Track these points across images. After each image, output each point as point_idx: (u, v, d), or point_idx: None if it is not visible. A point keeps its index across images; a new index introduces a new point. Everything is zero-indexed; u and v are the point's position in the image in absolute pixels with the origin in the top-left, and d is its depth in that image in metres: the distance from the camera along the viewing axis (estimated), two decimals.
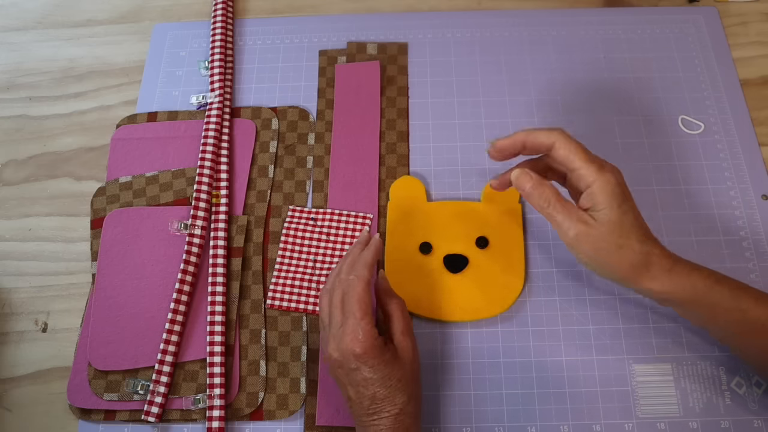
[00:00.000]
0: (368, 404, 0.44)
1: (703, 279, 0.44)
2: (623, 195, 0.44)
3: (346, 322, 0.45)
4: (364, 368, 0.44)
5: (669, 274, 0.44)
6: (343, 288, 0.47)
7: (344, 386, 0.46)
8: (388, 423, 0.44)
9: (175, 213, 0.58)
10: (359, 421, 0.45)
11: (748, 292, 0.45)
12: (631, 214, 0.44)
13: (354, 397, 0.45)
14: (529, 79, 0.65)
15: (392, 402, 0.44)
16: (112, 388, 0.52)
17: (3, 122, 0.66)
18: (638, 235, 0.44)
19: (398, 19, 0.69)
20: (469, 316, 0.53)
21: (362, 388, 0.44)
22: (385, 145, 0.61)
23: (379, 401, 0.44)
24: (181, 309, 0.54)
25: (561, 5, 0.69)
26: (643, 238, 0.44)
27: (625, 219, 0.44)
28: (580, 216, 0.44)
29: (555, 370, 0.52)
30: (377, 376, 0.44)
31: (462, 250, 0.56)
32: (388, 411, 0.44)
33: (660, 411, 0.50)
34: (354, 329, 0.44)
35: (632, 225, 0.44)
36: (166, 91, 0.66)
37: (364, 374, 0.44)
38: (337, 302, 0.47)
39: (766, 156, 0.60)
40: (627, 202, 0.44)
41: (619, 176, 0.45)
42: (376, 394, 0.44)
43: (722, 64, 0.65)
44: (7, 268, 0.59)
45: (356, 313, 0.45)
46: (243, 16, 0.70)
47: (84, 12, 0.72)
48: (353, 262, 0.49)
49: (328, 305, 0.48)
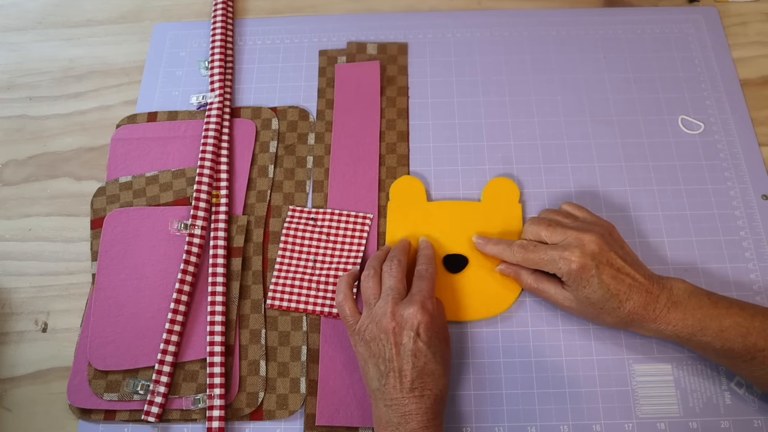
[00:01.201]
0: (414, 377, 0.44)
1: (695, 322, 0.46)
2: (585, 274, 0.47)
3: (413, 296, 0.48)
4: (424, 336, 0.46)
5: (655, 323, 0.47)
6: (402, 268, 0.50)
7: (386, 359, 0.45)
8: (429, 403, 0.44)
9: (175, 213, 0.58)
10: (391, 401, 0.44)
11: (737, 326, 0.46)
12: (599, 289, 0.47)
13: (398, 368, 0.45)
14: (529, 79, 0.65)
15: (436, 381, 0.45)
16: (112, 388, 0.52)
17: (3, 122, 0.66)
18: (612, 303, 0.47)
19: (398, 19, 0.69)
20: (469, 316, 0.54)
21: (414, 357, 0.45)
22: (385, 145, 0.61)
23: (427, 375, 0.45)
24: (181, 309, 0.54)
25: (561, 5, 0.69)
26: (617, 304, 0.47)
27: (593, 295, 0.47)
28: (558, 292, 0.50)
29: (555, 370, 0.52)
30: (432, 349, 0.46)
31: (462, 250, 0.56)
32: (431, 389, 0.45)
33: (660, 411, 0.50)
34: (423, 301, 0.47)
35: (603, 298, 0.47)
36: (166, 91, 0.66)
37: (421, 344, 0.45)
38: (398, 278, 0.50)
39: (766, 156, 0.60)
40: (591, 280, 0.47)
41: (578, 256, 0.47)
42: (426, 366, 0.45)
43: (722, 64, 0.65)
44: (7, 268, 0.59)
45: (428, 291, 0.48)
46: (243, 16, 0.70)
47: (84, 12, 0.72)
48: (405, 248, 0.53)
49: (378, 283, 0.50)
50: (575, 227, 0.50)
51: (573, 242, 0.48)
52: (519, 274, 0.53)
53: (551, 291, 0.50)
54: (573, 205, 0.55)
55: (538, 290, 0.52)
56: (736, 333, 0.45)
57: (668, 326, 0.46)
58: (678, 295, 0.47)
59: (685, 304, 0.46)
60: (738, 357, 0.46)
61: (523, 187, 0.59)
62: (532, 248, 0.50)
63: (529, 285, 0.52)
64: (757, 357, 0.45)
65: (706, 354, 0.49)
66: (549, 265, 0.49)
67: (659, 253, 0.56)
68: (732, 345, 0.45)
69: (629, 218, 0.57)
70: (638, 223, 0.57)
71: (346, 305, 0.50)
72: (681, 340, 0.47)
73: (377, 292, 0.50)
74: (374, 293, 0.50)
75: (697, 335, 0.46)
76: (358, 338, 0.48)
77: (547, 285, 0.51)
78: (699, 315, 0.46)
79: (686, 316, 0.46)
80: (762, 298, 0.54)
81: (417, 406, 0.44)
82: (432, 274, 0.51)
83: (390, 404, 0.44)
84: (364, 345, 0.47)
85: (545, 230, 0.50)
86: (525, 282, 0.52)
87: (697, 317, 0.46)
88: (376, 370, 0.46)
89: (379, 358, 0.46)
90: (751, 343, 0.45)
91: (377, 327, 0.47)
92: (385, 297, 0.48)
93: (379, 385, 0.46)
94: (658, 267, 0.55)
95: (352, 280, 0.53)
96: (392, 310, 0.47)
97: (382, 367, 0.46)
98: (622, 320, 0.48)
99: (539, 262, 0.49)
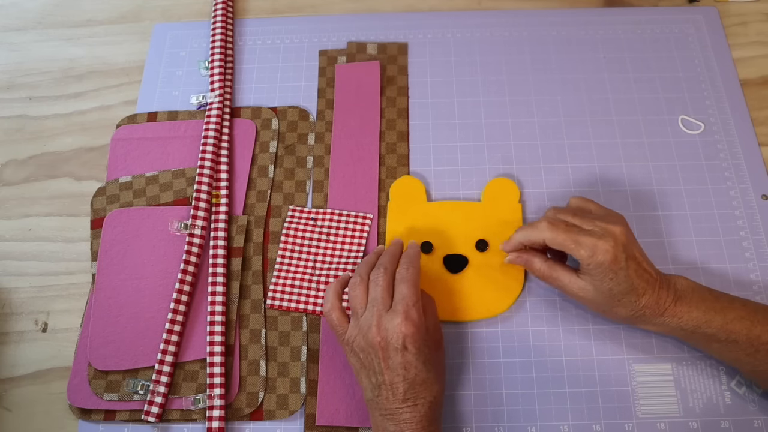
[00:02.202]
0: (406, 388, 0.44)
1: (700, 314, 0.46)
2: (615, 266, 0.46)
3: (396, 305, 0.46)
4: (412, 348, 0.45)
5: (662, 317, 0.47)
6: (388, 277, 0.49)
7: (376, 373, 0.45)
8: (424, 411, 0.44)
9: (175, 213, 0.58)
10: (386, 411, 0.44)
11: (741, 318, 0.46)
12: (624, 282, 0.46)
13: (389, 381, 0.44)
14: (529, 79, 0.65)
15: (430, 389, 0.45)
16: (112, 388, 0.52)
17: (3, 122, 0.66)
18: (630, 297, 0.47)
19: (398, 19, 0.69)
20: (469, 316, 0.54)
21: (404, 370, 0.44)
22: (385, 145, 0.61)
23: (418, 386, 0.44)
24: (181, 309, 0.54)
25: (561, 5, 0.69)
26: (635, 298, 0.47)
27: (616, 288, 0.46)
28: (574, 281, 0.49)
29: (555, 370, 0.52)
30: (421, 359, 0.45)
31: (462, 250, 0.56)
32: (424, 397, 0.44)
33: (660, 411, 0.50)
34: (406, 311, 0.46)
35: (624, 291, 0.46)
36: (166, 91, 0.66)
37: (409, 356, 0.45)
38: (384, 287, 0.48)
39: (766, 156, 0.60)
40: (620, 272, 0.46)
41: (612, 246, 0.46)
42: (417, 377, 0.44)
43: (722, 64, 0.65)
44: (7, 268, 0.59)
45: (411, 297, 0.47)
46: (243, 16, 0.70)
47: (84, 12, 0.72)
48: (394, 255, 0.52)
49: (365, 292, 0.49)
50: (601, 216, 0.49)
51: (604, 232, 0.46)
52: (531, 262, 0.51)
53: (566, 279, 0.49)
54: (581, 198, 0.53)
55: (551, 278, 0.50)
56: (741, 325, 0.46)
57: (674, 319, 0.47)
58: (682, 290, 0.47)
59: (690, 297, 0.47)
60: (741, 350, 0.46)
61: (523, 187, 0.59)
62: (564, 228, 0.47)
63: (543, 272, 0.50)
64: (760, 350, 0.45)
65: (710, 350, 0.49)
66: (579, 249, 0.46)
67: (659, 253, 0.56)
68: (736, 337, 0.46)
69: (629, 218, 0.57)
70: (638, 223, 0.57)
71: (333, 314, 0.49)
72: (685, 334, 0.48)
73: (364, 302, 0.48)
74: (361, 303, 0.48)
75: (701, 327, 0.46)
76: (348, 349, 0.48)
77: (562, 273, 0.49)
78: (703, 307, 0.46)
79: (691, 308, 0.46)
80: (762, 298, 0.54)
81: (411, 415, 0.44)
82: (413, 275, 0.48)
83: (385, 414, 0.45)
84: (355, 356, 0.47)
85: (572, 217, 0.49)
86: (538, 269, 0.50)
87: (701, 309, 0.46)
88: (368, 382, 0.46)
89: (369, 370, 0.46)
90: (755, 335, 0.45)
91: (365, 340, 0.46)
92: (371, 308, 0.47)
93: (373, 396, 0.46)
94: (659, 267, 0.55)
95: (341, 287, 0.51)
96: (377, 322, 0.46)
97: (374, 379, 0.46)
98: (634, 314, 0.48)
99: (568, 243, 0.47)
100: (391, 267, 0.50)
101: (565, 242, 0.47)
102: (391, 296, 0.48)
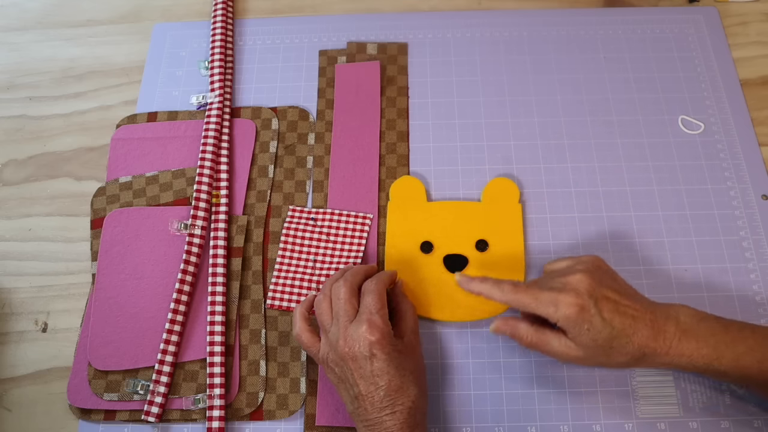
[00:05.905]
0: (381, 396, 0.44)
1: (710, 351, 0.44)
2: (585, 315, 0.43)
3: (360, 315, 0.46)
4: (380, 355, 0.44)
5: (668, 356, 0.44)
6: (348, 288, 0.48)
7: (351, 385, 0.45)
8: (403, 417, 0.44)
9: (175, 213, 0.58)
10: (367, 422, 0.44)
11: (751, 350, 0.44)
12: (603, 328, 0.43)
13: (365, 392, 0.44)
14: (529, 79, 0.65)
15: (406, 393, 0.44)
16: (112, 388, 0.52)
17: (3, 122, 0.66)
18: (620, 341, 0.44)
19: (398, 19, 0.69)
20: (469, 316, 0.54)
21: (376, 378, 0.44)
22: (385, 145, 0.61)
23: (393, 392, 0.44)
24: (181, 309, 0.54)
25: (561, 5, 0.69)
26: (625, 340, 0.44)
27: (598, 337, 0.44)
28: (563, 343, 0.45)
29: (555, 370, 0.52)
30: (392, 364, 0.45)
31: (462, 250, 0.56)
32: (402, 403, 0.44)
33: (660, 411, 0.50)
34: (370, 318, 0.46)
35: (610, 337, 0.44)
36: (166, 91, 0.66)
37: (379, 363, 0.44)
38: (345, 299, 0.47)
39: (766, 156, 0.60)
40: (594, 320, 0.43)
41: (573, 296, 0.44)
42: (390, 383, 0.44)
43: (722, 64, 0.65)
44: (7, 268, 0.59)
45: (374, 305, 0.46)
46: (243, 16, 0.70)
47: (84, 12, 0.72)
48: (358, 271, 0.51)
49: (330, 307, 0.48)
50: (560, 272, 0.47)
51: (563, 285, 0.45)
52: (516, 329, 0.47)
53: (554, 343, 0.46)
54: (551, 262, 0.51)
55: (539, 343, 0.46)
56: (752, 359, 0.44)
57: (682, 358, 0.44)
58: (686, 323, 0.45)
59: (696, 331, 0.44)
60: (756, 383, 0.45)
61: (523, 187, 0.59)
62: (524, 288, 0.46)
63: (530, 339, 0.46)
64: None
65: (725, 380, 0.48)
66: (539, 306, 0.45)
67: (659, 253, 0.56)
68: (749, 372, 0.44)
69: (629, 218, 0.57)
70: (638, 224, 0.57)
71: (303, 336, 0.49)
72: (698, 370, 0.45)
73: (330, 317, 0.48)
74: (328, 318, 0.48)
75: (713, 364, 0.44)
76: (325, 366, 0.48)
77: (550, 336, 0.46)
78: (713, 342, 0.44)
79: (700, 345, 0.44)
80: (761, 297, 0.54)
81: (392, 423, 0.44)
82: (377, 287, 0.48)
83: (367, 424, 0.45)
84: (331, 371, 0.47)
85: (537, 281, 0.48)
86: (524, 336, 0.47)
87: (710, 345, 0.44)
88: (347, 395, 0.46)
89: (345, 383, 0.46)
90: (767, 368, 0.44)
91: (335, 354, 0.46)
92: (335, 321, 0.47)
93: (353, 408, 0.46)
94: (658, 267, 0.55)
95: (306, 309, 0.50)
96: (343, 334, 0.46)
97: (351, 391, 0.46)
98: (634, 357, 0.44)
99: (528, 302, 0.45)
100: (353, 279, 0.49)
101: (527, 302, 0.45)
102: (356, 308, 0.47)
